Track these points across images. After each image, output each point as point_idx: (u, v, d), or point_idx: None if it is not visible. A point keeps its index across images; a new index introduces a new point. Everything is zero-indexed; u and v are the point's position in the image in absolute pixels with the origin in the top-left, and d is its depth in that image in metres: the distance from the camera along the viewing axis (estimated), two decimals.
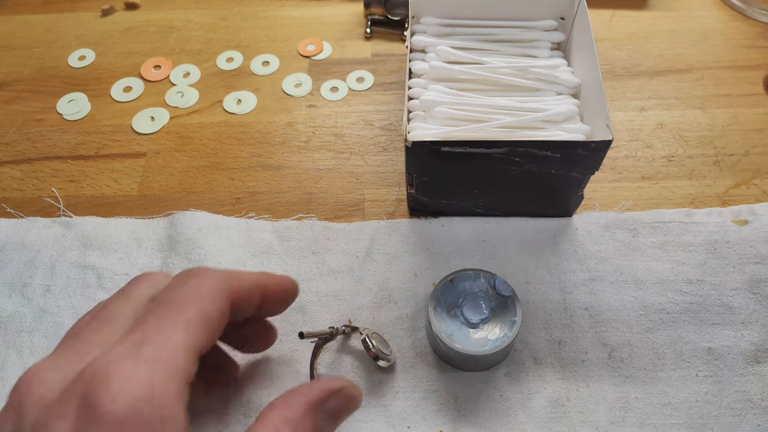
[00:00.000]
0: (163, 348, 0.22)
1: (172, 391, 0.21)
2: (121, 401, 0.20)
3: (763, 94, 0.48)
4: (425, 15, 0.44)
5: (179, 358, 0.22)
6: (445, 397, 0.34)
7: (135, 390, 0.20)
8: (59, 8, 0.58)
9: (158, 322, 0.23)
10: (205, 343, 0.23)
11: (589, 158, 0.34)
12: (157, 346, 0.22)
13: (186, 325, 0.23)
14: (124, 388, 0.20)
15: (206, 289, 0.24)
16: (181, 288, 0.24)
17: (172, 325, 0.23)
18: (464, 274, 0.35)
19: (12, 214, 0.42)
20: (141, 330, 0.22)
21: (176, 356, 0.22)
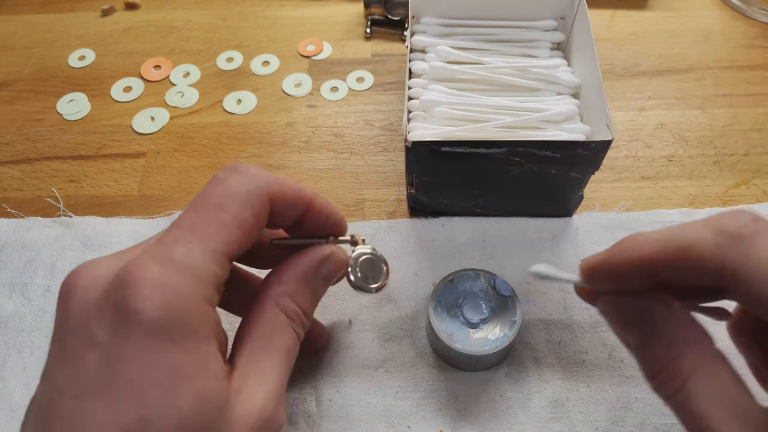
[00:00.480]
0: (191, 251, 0.22)
1: (198, 294, 0.21)
2: (149, 305, 0.20)
3: (764, 94, 0.48)
4: (425, 15, 0.44)
5: (207, 261, 0.22)
6: (445, 397, 0.34)
7: (161, 294, 0.20)
8: (59, 8, 0.58)
9: (191, 224, 0.23)
10: (238, 246, 0.23)
11: (589, 158, 0.34)
12: (186, 249, 0.22)
13: (218, 228, 0.23)
14: (150, 292, 0.20)
15: (244, 191, 0.24)
16: (218, 187, 0.24)
17: (203, 228, 0.23)
18: (464, 274, 0.35)
19: (12, 214, 0.42)
20: (174, 232, 0.23)
21: (204, 260, 0.22)
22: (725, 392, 0.20)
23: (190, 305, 0.21)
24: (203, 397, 0.20)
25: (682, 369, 0.21)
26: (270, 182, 0.25)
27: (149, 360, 0.20)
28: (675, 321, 0.22)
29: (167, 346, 0.20)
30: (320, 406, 0.33)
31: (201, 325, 0.21)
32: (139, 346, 0.20)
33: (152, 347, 0.20)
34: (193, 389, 0.20)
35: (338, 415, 0.33)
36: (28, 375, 0.35)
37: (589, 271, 0.25)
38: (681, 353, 0.21)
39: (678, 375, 0.21)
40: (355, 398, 0.33)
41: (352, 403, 0.33)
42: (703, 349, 0.21)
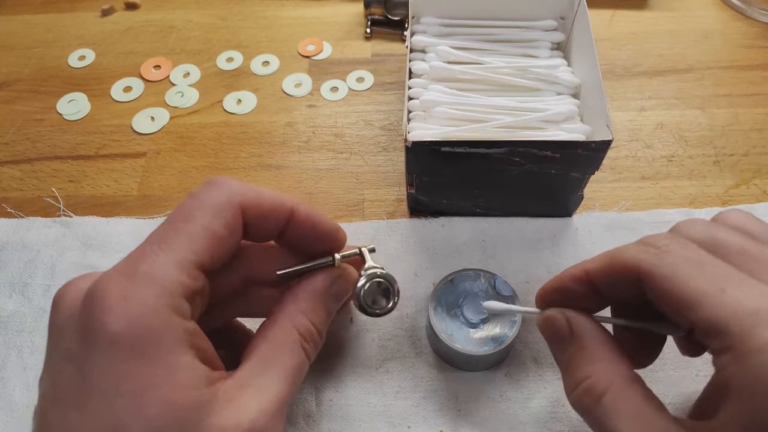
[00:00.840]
0: (156, 263, 0.22)
1: (163, 305, 0.21)
2: (113, 318, 0.20)
3: (764, 94, 0.48)
4: (425, 15, 0.44)
5: (173, 272, 0.22)
6: (445, 397, 0.34)
7: (125, 306, 0.21)
8: (59, 8, 0.58)
9: (159, 237, 0.23)
10: (210, 257, 0.23)
11: (589, 158, 0.34)
12: (151, 261, 0.22)
13: (186, 238, 0.23)
14: (114, 305, 0.21)
15: (214, 202, 0.24)
16: (189, 200, 0.24)
17: (171, 240, 0.23)
18: (464, 274, 0.35)
19: (12, 214, 0.42)
20: (143, 246, 0.23)
21: (170, 271, 0.22)
22: (638, 408, 0.22)
23: (155, 316, 0.21)
24: (172, 406, 0.20)
25: (596, 384, 0.23)
26: (243, 192, 0.25)
27: (116, 370, 0.20)
28: (594, 338, 0.25)
29: (132, 356, 0.20)
30: (320, 406, 0.33)
31: (168, 334, 0.21)
32: (106, 357, 0.20)
33: (118, 358, 0.20)
34: (160, 397, 0.20)
35: (338, 415, 0.33)
36: (28, 375, 0.35)
37: (542, 298, 0.28)
38: (596, 370, 0.24)
39: (592, 390, 0.23)
40: (355, 398, 0.33)
41: (352, 403, 0.33)
42: (618, 368, 0.23)
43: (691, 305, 0.21)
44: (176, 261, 0.22)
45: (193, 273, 0.23)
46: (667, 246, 0.23)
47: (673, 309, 0.22)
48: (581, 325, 0.25)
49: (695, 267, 0.21)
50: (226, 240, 0.24)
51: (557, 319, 0.26)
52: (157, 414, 0.20)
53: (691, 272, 0.21)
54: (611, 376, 0.23)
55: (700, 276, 0.21)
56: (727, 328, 0.20)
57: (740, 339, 0.19)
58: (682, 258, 0.22)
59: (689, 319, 0.21)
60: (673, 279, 0.22)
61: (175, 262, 0.22)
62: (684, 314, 0.21)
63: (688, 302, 0.21)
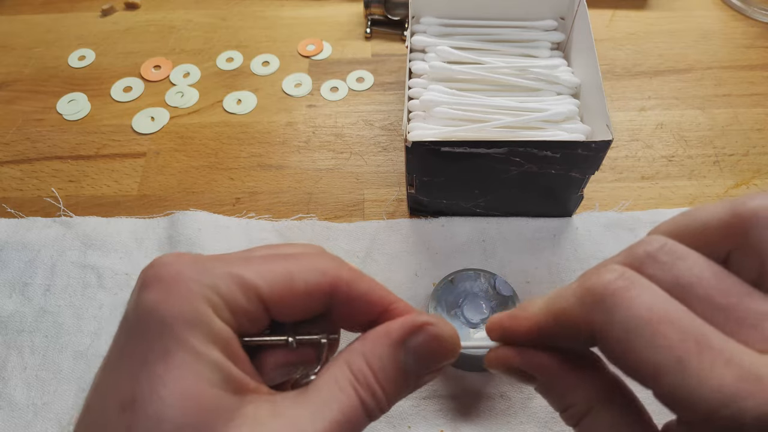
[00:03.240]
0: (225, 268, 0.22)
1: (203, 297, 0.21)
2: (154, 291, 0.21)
3: (764, 94, 0.48)
4: (425, 15, 0.44)
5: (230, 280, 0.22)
6: (445, 397, 0.34)
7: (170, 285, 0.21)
8: (59, 8, 0.58)
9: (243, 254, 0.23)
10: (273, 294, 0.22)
11: (589, 158, 0.34)
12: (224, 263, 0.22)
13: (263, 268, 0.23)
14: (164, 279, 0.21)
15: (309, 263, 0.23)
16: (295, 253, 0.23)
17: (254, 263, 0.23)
18: (464, 274, 0.35)
19: (12, 214, 0.42)
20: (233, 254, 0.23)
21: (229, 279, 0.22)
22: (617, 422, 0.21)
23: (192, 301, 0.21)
24: (187, 396, 0.20)
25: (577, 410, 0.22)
26: (339, 268, 0.23)
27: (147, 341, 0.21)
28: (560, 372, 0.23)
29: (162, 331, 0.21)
30: None
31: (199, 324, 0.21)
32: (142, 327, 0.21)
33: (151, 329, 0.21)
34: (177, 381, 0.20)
35: None
36: (28, 375, 0.35)
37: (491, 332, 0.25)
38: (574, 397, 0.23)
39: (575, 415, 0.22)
40: None
41: None
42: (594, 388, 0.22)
43: (650, 377, 0.18)
44: (241, 276, 0.22)
45: (251, 297, 0.22)
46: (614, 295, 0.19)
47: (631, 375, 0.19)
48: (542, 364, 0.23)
49: (650, 331, 0.18)
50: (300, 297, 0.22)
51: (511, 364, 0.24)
52: (171, 399, 0.20)
53: (646, 339, 0.18)
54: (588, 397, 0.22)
55: (657, 344, 0.18)
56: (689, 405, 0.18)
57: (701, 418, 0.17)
58: (635, 318, 0.19)
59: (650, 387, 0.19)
60: (628, 345, 0.19)
61: (240, 276, 0.22)
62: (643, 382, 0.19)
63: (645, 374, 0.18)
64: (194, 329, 0.21)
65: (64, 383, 0.35)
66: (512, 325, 0.23)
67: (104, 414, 0.20)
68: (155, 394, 0.20)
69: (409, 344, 0.23)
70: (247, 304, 0.22)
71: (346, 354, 0.23)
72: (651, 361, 0.18)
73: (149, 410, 0.20)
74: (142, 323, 0.21)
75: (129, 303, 0.22)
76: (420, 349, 0.23)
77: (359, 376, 0.23)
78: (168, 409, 0.20)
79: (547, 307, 0.21)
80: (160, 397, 0.20)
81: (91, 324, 0.37)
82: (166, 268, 0.22)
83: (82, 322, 0.37)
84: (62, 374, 0.35)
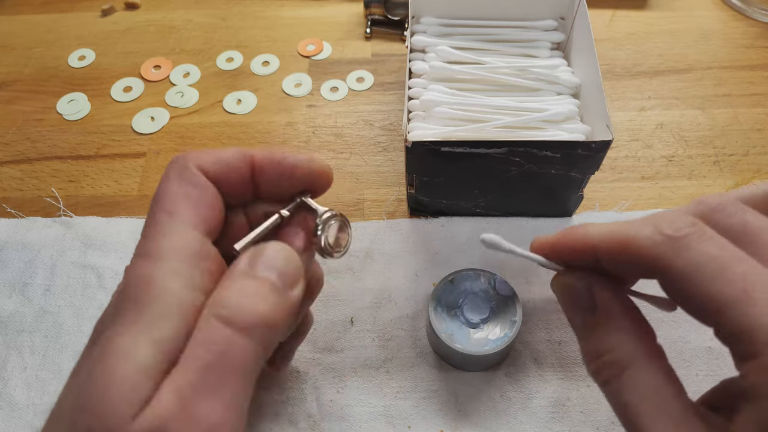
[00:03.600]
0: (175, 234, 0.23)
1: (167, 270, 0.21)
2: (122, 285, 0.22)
3: (764, 94, 0.48)
4: (425, 15, 0.44)
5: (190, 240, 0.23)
6: (445, 397, 0.34)
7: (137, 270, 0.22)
8: (59, 8, 0.58)
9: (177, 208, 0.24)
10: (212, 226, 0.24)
11: (589, 158, 0.34)
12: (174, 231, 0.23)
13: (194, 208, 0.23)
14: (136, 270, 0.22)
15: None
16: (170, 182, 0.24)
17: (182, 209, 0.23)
18: (464, 274, 0.35)
19: (12, 214, 0.42)
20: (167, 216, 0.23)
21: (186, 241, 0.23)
22: (656, 388, 0.21)
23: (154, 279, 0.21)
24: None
25: (618, 359, 0.22)
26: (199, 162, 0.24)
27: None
28: (619, 310, 0.23)
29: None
30: (321, 407, 0.33)
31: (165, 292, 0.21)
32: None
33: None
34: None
35: (339, 415, 0.33)
36: (28, 375, 0.35)
37: (539, 250, 0.26)
38: (620, 343, 0.22)
39: (614, 364, 0.22)
40: (355, 398, 0.34)
41: (352, 404, 0.33)
42: (642, 342, 0.22)
43: (715, 310, 0.19)
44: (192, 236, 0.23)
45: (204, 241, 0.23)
46: (687, 238, 0.21)
47: (695, 310, 0.20)
48: (604, 295, 0.24)
49: (719, 267, 0.20)
50: (234, 170, 0.25)
51: (578, 287, 0.24)
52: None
53: (714, 273, 0.20)
54: (635, 351, 0.22)
55: (725, 278, 0.19)
56: (753, 336, 0.18)
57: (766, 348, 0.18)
58: (705, 255, 0.20)
59: (714, 321, 0.20)
60: (694, 280, 0.20)
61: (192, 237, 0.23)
62: (707, 317, 0.20)
63: (712, 306, 0.19)
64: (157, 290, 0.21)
65: (64, 383, 0.35)
66: (565, 240, 0.25)
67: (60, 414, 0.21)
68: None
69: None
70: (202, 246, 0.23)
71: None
72: (718, 294, 0.19)
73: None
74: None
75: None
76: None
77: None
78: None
79: (611, 233, 0.23)
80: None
81: (91, 324, 0.36)
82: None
83: (82, 322, 0.37)
84: (62, 374, 0.35)
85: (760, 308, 0.19)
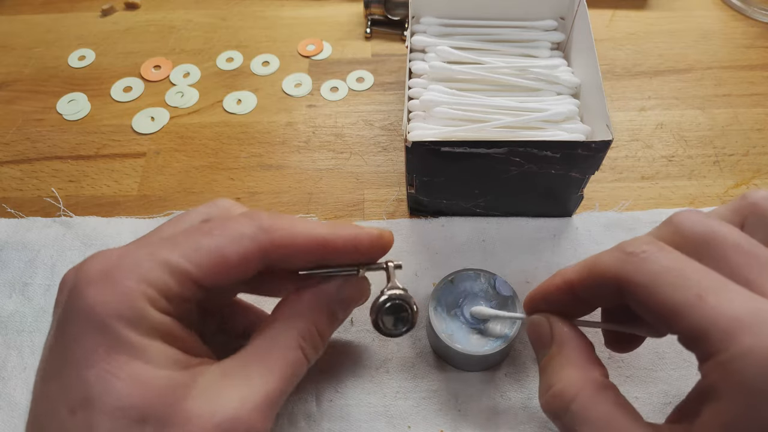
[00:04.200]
0: (152, 257, 0.22)
1: (139, 292, 0.22)
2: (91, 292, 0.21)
3: (764, 94, 0.48)
4: (425, 15, 0.44)
5: (161, 271, 0.22)
6: (445, 397, 0.34)
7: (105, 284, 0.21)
8: (59, 8, 0.58)
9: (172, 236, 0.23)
10: (210, 276, 0.23)
11: (589, 158, 0.34)
12: (148, 253, 0.23)
13: (193, 250, 0.23)
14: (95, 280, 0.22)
15: (238, 232, 0.24)
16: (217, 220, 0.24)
17: (179, 242, 0.23)
18: (464, 274, 0.35)
19: (12, 214, 0.42)
20: (152, 236, 0.24)
21: (160, 268, 0.22)
22: (606, 416, 0.22)
23: (129, 299, 0.21)
24: (141, 382, 0.21)
25: (565, 389, 0.23)
26: (267, 230, 0.24)
27: (88, 342, 0.21)
28: (573, 345, 0.25)
29: (104, 331, 0.21)
30: (320, 406, 0.33)
31: (138, 320, 0.21)
32: (81, 329, 0.21)
33: (90, 330, 0.21)
34: (129, 372, 0.21)
35: (338, 415, 0.33)
36: (28, 375, 0.35)
37: (529, 304, 0.28)
38: (568, 375, 0.24)
39: (562, 394, 0.23)
40: (355, 398, 0.34)
41: (352, 403, 0.33)
42: (589, 375, 0.23)
43: (671, 315, 0.21)
44: (170, 263, 0.22)
45: (183, 281, 0.23)
46: (644, 253, 0.22)
47: (654, 318, 0.22)
48: (561, 330, 0.26)
49: (673, 275, 0.21)
50: (233, 269, 0.24)
51: (541, 324, 0.26)
52: (127, 389, 0.20)
53: (669, 281, 0.21)
54: (582, 382, 0.23)
55: (679, 285, 0.21)
56: (708, 336, 0.19)
57: (721, 346, 0.19)
58: (661, 266, 0.21)
59: (671, 328, 0.21)
60: (651, 289, 0.21)
61: (169, 263, 0.22)
62: (665, 323, 0.21)
63: (668, 312, 0.21)
64: (135, 326, 0.22)
65: None
66: (547, 285, 0.27)
67: (56, 418, 0.21)
68: (110, 389, 0.20)
69: (340, 296, 0.27)
70: (180, 289, 0.23)
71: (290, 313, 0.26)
72: (674, 300, 0.20)
73: (108, 404, 0.20)
74: (80, 327, 0.21)
75: (58, 310, 0.22)
76: (348, 299, 0.28)
77: (306, 336, 0.25)
78: (126, 398, 0.20)
79: (581, 263, 0.25)
80: (115, 389, 0.20)
81: None
82: (95, 270, 0.22)
83: None
84: None
85: (711, 309, 0.20)
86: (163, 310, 0.22)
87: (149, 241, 0.23)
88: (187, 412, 0.21)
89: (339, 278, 0.28)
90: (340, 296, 0.28)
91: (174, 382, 0.22)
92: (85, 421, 0.20)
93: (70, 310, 0.21)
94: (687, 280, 0.21)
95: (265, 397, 0.23)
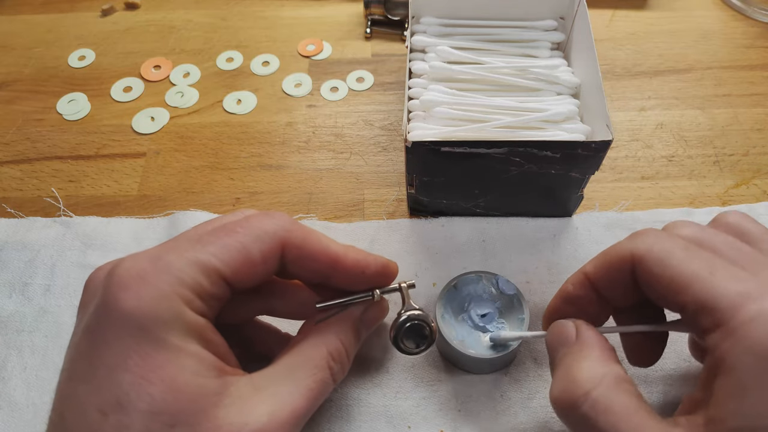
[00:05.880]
0: (184, 258, 0.23)
1: (175, 293, 0.22)
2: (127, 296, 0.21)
3: (764, 94, 0.48)
4: (425, 15, 0.44)
5: (193, 270, 0.23)
6: (445, 397, 0.34)
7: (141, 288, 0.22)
8: (59, 8, 0.58)
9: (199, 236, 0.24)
10: (237, 274, 0.24)
11: (589, 158, 0.34)
12: (179, 254, 0.23)
13: (221, 248, 0.23)
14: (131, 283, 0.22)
15: (261, 229, 0.25)
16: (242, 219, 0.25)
17: (207, 243, 0.23)
18: (466, 278, 0.35)
19: (12, 214, 0.42)
20: (178, 238, 0.24)
21: (191, 267, 0.22)
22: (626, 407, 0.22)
23: (166, 301, 0.22)
24: (176, 388, 0.21)
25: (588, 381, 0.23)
26: (288, 230, 0.25)
27: (124, 346, 0.21)
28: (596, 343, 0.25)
29: (140, 335, 0.21)
30: (321, 406, 0.33)
31: (176, 321, 0.22)
32: (116, 332, 0.21)
33: (127, 334, 0.21)
34: (163, 377, 0.21)
35: (338, 415, 0.33)
36: (28, 375, 0.35)
37: (549, 317, 0.29)
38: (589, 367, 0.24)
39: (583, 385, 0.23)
40: (355, 398, 0.34)
41: (352, 403, 0.33)
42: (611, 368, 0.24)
43: (682, 286, 0.22)
44: (201, 262, 0.23)
45: (215, 279, 0.23)
46: (657, 236, 0.24)
47: (665, 292, 0.22)
48: (586, 330, 0.26)
49: (686, 252, 0.22)
50: (258, 266, 0.24)
51: (566, 324, 0.27)
52: (161, 393, 0.20)
53: (682, 256, 0.22)
54: (604, 373, 0.23)
55: (691, 260, 0.22)
56: (716, 304, 0.20)
57: (730, 314, 0.20)
58: (674, 245, 0.23)
59: (680, 300, 0.22)
60: (664, 262, 0.22)
61: (200, 262, 0.23)
62: (675, 296, 0.22)
63: (679, 284, 0.22)
64: (172, 328, 0.22)
65: None
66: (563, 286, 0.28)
67: (85, 420, 0.21)
68: (143, 393, 0.21)
69: (365, 317, 0.29)
70: (212, 287, 0.23)
71: (319, 333, 0.27)
72: (687, 272, 0.22)
73: (141, 408, 0.20)
74: (114, 330, 0.21)
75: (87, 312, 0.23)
76: (371, 319, 0.30)
77: (335, 354, 0.26)
78: (160, 403, 0.20)
79: (596, 256, 0.26)
80: (149, 393, 0.20)
81: None
82: (130, 274, 0.22)
83: None
84: None
85: (720, 281, 0.21)
86: (198, 311, 0.23)
87: (177, 243, 0.24)
88: (219, 420, 0.21)
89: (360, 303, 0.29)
90: (366, 317, 0.29)
91: (207, 389, 0.22)
92: (116, 423, 0.20)
93: (102, 313, 0.22)
94: (698, 256, 0.22)
95: (291, 414, 0.23)
